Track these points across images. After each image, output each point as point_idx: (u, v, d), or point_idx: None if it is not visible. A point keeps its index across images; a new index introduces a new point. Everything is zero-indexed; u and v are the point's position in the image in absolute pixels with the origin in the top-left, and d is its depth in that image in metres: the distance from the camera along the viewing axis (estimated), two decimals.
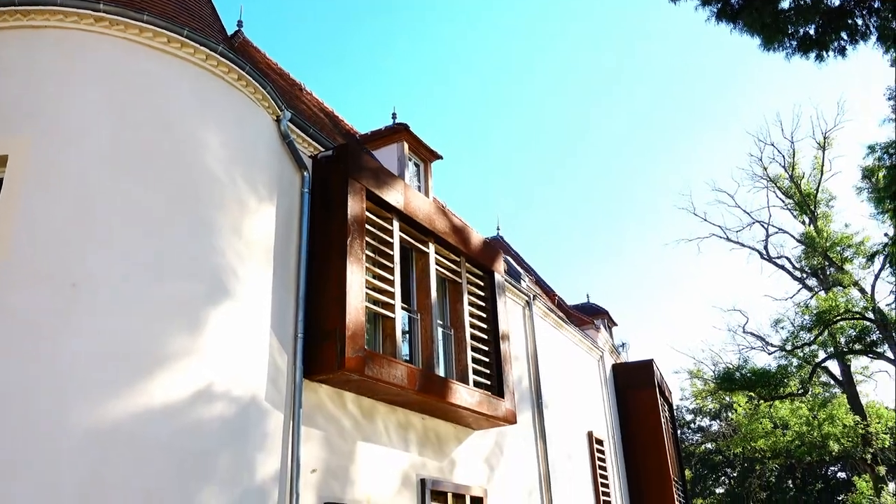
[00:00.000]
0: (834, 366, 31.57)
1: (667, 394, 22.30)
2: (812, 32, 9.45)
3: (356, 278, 8.42)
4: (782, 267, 34.36)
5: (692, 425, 44.64)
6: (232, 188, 7.64)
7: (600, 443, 17.41)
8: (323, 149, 9.42)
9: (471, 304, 11.43)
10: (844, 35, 9.40)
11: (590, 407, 17.71)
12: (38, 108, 6.86)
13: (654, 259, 68.30)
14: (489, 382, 11.19)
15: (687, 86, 62.30)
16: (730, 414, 37.95)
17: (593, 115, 67.69)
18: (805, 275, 33.78)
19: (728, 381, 30.24)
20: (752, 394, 30.59)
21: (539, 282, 21.32)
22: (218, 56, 7.78)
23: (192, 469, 6.44)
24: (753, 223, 34.77)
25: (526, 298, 14.94)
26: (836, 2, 9.36)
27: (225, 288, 7.22)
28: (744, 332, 33.85)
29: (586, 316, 21.24)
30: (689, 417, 44.47)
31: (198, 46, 7.63)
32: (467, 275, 11.52)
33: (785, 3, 9.26)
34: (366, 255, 8.94)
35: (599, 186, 71.06)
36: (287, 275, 8.28)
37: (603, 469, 17.08)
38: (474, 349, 11.18)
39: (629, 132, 65.83)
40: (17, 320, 6.06)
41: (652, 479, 18.86)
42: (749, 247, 34.93)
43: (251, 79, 8.16)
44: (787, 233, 34.24)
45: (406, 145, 11.79)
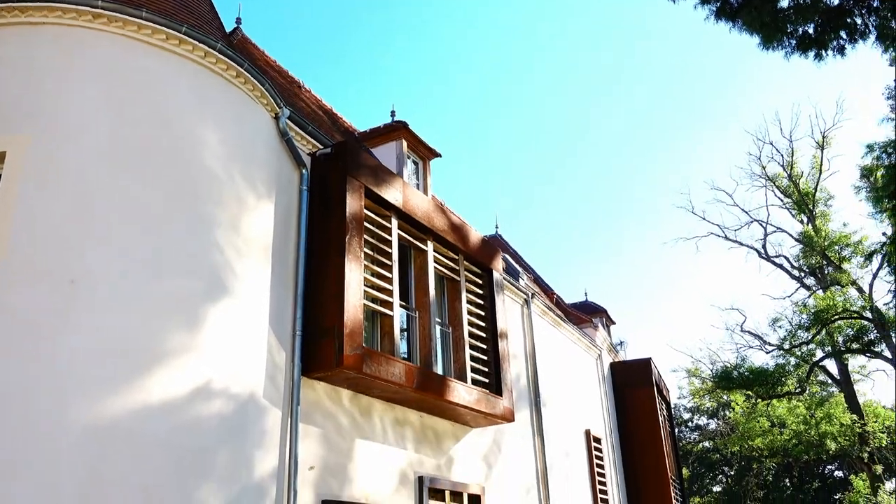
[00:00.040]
0: (831, 365, 31.66)
1: (665, 392, 22.33)
2: (811, 31, 9.45)
3: (354, 276, 8.42)
4: (780, 266, 34.42)
5: (690, 424, 44.75)
6: (230, 185, 7.63)
7: (598, 441, 17.43)
8: (321, 146, 9.42)
9: (469, 303, 11.43)
10: (843, 34, 9.40)
11: (588, 405, 17.72)
12: (37, 105, 6.85)
13: (653, 257, 68.44)
14: (487, 380, 11.20)
15: (686, 84, 62.40)
16: (727, 412, 38.01)
17: (592, 114, 67.77)
18: (803, 274, 33.83)
19: (726, 380, 30.32)
20: (750, 392, 30.65)
21: (537, 280, 21.33)
22: (216, 53, 7.77)
23: (191, 466, 6.44)
24: (752, 222, 34.84)
25: (524, 297, 14.94)
26: (836, 1, 9.36)
27: (223, 285, 7.22)
28: (742, 331, 33.93)
29: (584, 314, 21.27)
30: (687, 416, 44.58)
31: (196, 43, 7.61)
32: (466, 273, 11.52)
33: (784, 2, 9.26)
34: (364, 253, 8.94)
35: (598, 185, 71.15)
36: (285, 272, 8.28)
37: (600, 467, 17.10)
38: (472, 347, 11.19)
39: (628, 131, 65.91)
40: (16, 318, 6.06)
41: (649, 478, 18.89)
42: (747, 246, 34.99)
43: (250, 76, 8.15)
44: (786, 232, 34.32)
45: (405, 143, 11.78)
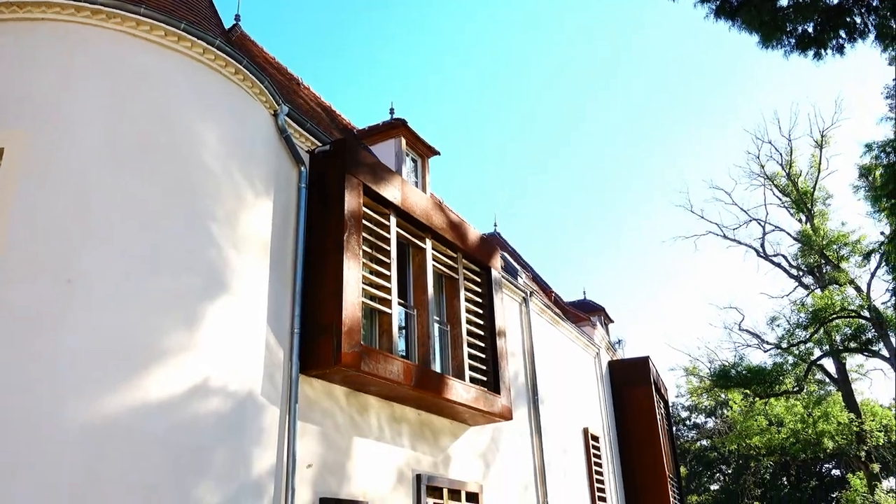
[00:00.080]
0: (829, 364, 31.67)
1: (662, 391, 22.34)
2: (810, 30, 9.46)
3: (353, 274, 8.41)
4: (778, 265, 34.42)
5: (687, 422, 44.78)
6: (229, 183, 7.61)
7: (596, 439, 17.44)
8: (320, 144, 9.40)
9: (467, 301, 11.43)
10: (843, 33, 9.41)
11: (586, 403, 17.74)
12: (35, 101, 6.83)
13: (651, 256, 68.43)
14: (485, 378, 11.20)
15: (685, 81, 62.38)
16: (725, 411, 38.04)
17: (590, 109, 67.75)
18: (801, 273, 33.84)
19: (724, 379, 30.34)
20: (748, 391, 30.67)
21: (536, 278, 21.33)
22: (215, 50, 7.75)
23: (189, 464, 6.43)
24: (750, 221, 34.82)
25: (523, 295, 14.94)
26: (835, 0, 9.36)
27: (222, 282, 7.21)
28: (740, 330, 33.92)
29: (583, 313, 21.28)
30: (685, 414, 44.61)
31: (195, 40, 7.59)
32: (464, 271, 11.51)
33: (783, 1, 9.26)
34: (363, 251, 8.93)
35: (597, 182, 71.15)
36: (284, 270, 8.26)
37: (598, 465, 17.12)
38: (471, 345, 11.19)
39: (625, 127, 65.90)
40: (14, 315, 6.04)
41: (647, 476, 18.91)
42: (746, 244, 34.98)
43: (248, 73, 8.13)
44: (784, 231, 34.31)
45: (403, 141, 11.77)
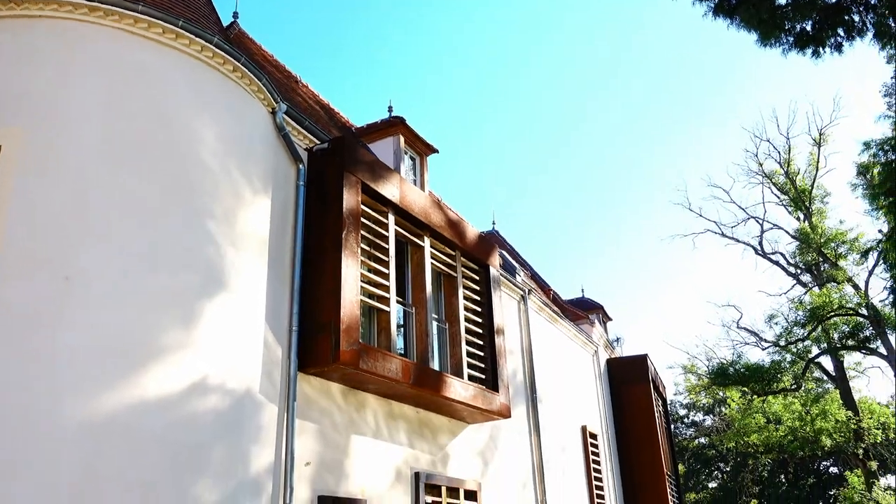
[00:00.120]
0: (827, 361, 31.70)
1: (661, 389, 22.37)
2: (809, 28, 9.46)
3: (351, 271, 8.41)
4: (777, 263, 34.45)
5: (685, 420, 44.83)
6: (227, 180, 7.60)
7: (594, 437, 17.46)
8: (318, 142, 9.39)
9: (466, 299, 11.43)
10: (841, 31, 9.41)
11: (584, 401, 17.75)
12: (32, 98, 6.81)
13: (650, 254, 68.46)
14: (484, 376, 11.20)
15: (684, 80, 62.39)
16: (723, 409, 38.05)
17: (589, 108, 67.74)
18: (799, 271, 33.87)
19: (721, 377, 30.35)
20: (746, 389, 30.68)
21: (534, 276, 21.34)
22: (213, 47, 7.73)
23: (187, 461, 6.43)
24: (748, 219, 34.85)
25: (521, 293, 14.94)
26: None
27: (220, 280, 7.20)
28: (738, 328, 33.95)
29: (581, 311, 21.30)
30: (683, 412, 44.66)
31: (193, 37, 7.58)
32: (462, 269, 11.51)
33: None
34: (361, 249, 8.92)
35: (595, 180, 71.15)
36: (282, 267, 8.26)
37: (597, 463, 17.14)
38: (469, 343, 11.19)
39: (625, 126, 65.90)
40: (12, 312, 6.04)
41: (645, 474, 18.94)
42: (744, 242, 35.01)
43: (247, 70, 8.12)
44: (782, 229, 34.33)
45: (402, 139, 11.76)
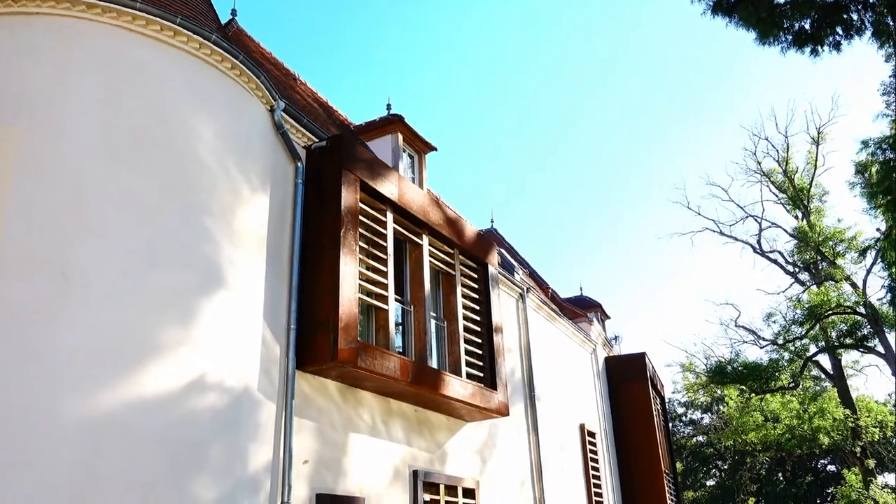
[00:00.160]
0: (825, 360, 31.78)
1: (659, 387, 22.39)
2: (807, 27, 9.47)
3: (349, 269, 8.40)
4: (775, 261, 34.50)
5: (684, 418, 44.88)
6: (225, 178, 7.59)
7: (592, 435, 17.48)
8: (317, 139, 9.38)
9: (464, 297, 11.43)
10: (839, 30, 9.42)
11: (582, 399, 17.76)
12: (30, 96, 6.79)
13: (648, 252, 68.51)
14: (482, 375, 11.20)
15: (682, 79, 62.38)
16: (721, 407, 38.13)
17: (587, 106, 67.74)
18: (797, 269, 33.92)
19: (720, 375, 30.41)
20: (744, 387, 30.74)
21: (533, 274, 21.34)
22: (211, 45, 7.71)
23: (186, 459, 6.42)
24: (747, 217, 34.91)
25: (519, 291, 14.95)
26: None
27: (218, 278, 7.19)
28: (736, 326, 34.02)
29: (579, 309, 21.30)
30: (681, 410, 44.70)
31: (191, 35, 7.56)
32: (461, 267, 11.51)
33: None
34: (359, 247, 8.92)
35: (594, 179, 71.16)
36: (280, 265, 8.25)
37: (595, 461, 17.15)
38: (467, 341, 11.19)
39: (623, 124, 65.89)
40: (9, 310, 6.02)
41: (643, 472, 18.96)
42: (742, 241, 35.08)
43: (245, 68, 8.10)
44: (780, 227, 34.40)
45: (400, 137, 11.75)
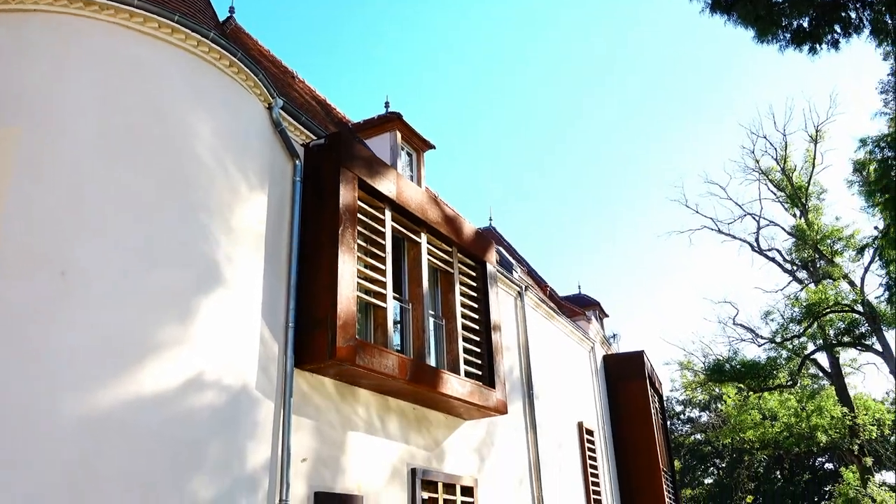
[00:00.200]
0: (822, 358, 31.81)
1: (657, 385, 22.41)
2: (805, 25, 9.46)
3: (348, 267, 8.40)
4: (773, 259, 34.53)
5: (682, 416, 44.93)
6: (223, 176, 7.58)
7: (590, 433, 17.49)
8: (315, 137, 9.37)
9: (462, 295, 11.43)
10: (838, 28, 9.41)
11: (580, 397, 17.78)
12: (27, 94, 6.77)
13: (646, 250, 68.53)
14: (480, 373, 11.21)
15: (680, 77, 62.38)
16: (719, 405, 38.18)
17: (585, 105, 67.73)
18: (795, 267, 33.94)
19: (718, 373, 30.45)
20: (742, 385, 30.79)
21: (531, 273, 21.35)
22: (209, 42, 7.70)
23: (184, 457, 6.42)
24: (745, 215, 34.91)
25: (518, 289, 14.95)
26: None
27: (216, 276, 7.18)
28: (734, 324, 34.04)
29: (578, 307, 21.31)
30: (679, 408, 44.76)
31: (189, 32, 7.54)
32: (459, 265, 11.51)
33: None
34: (357, 245, 8.91)
35: (592, 177, 71.17)
36: (278, 263, 8.24)
37: (593, 459, 17.17)
38: (466, 339, 11.19)
39: (621, 123, 65.89)
40: (8, 310, 6.01)
41: (642, 470, 18.98)
42: (740, 239, 35.08)
43: (243, 66, 8.09)
44: (779, 225, 34.41)
45: (399, 134, 11.74)
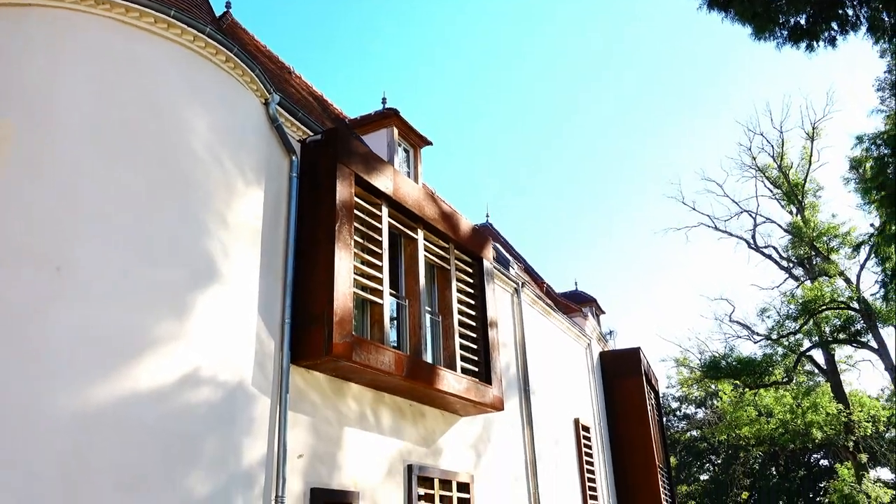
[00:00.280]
0: (818, 355, 31.91)
1: (653, 381, 22.45)
2: (803, 22, 9.46)
3: (344, 264, 8.39)
4: (769, 256, 34.60)
5: (678, 413, 45.04)
6: (219, 171, 7.57)
7: (587, 430, 17.52)
8: (312, 133, 9.35)
9: (459, 291, 11.42)
10: (835, 25, 9.41)
11: (577, 394, 17.80)
12: (23, 88, 6.75)
13: (643, 247, 68.62)
14: (477, 369, 11.21)
15: (677, 73, 62.37)
16: (715, 402, 38.29)
17: (582, 101, 67.66)
18: (791, 264, 34.02)
19: (714, 370, 30.55)
20: (738, 382, 30.90)
21: (528, 269, 21.35)
22: (206, 38, 7.67)
23: (179, 453, 6.41)
24: (741, 212, 34.99)
25: (514, 286, 14.95)
26: None
27: (212, 272, 7.17)
28: (730, 321, 34.13)
29: (574, 304, 21.32)
30: (675, 405, 44.86)
31: (185, 27, 7.52)
32: (456, 261, 11.50)
33: None
34: (354, 241, 8.90)
35: (589, 174, 71.17)
36: (275, 259, 8.23)
37: (589, 456, 17.20)
38: (462, 336, 11.19)
39: (618, 119, 65.90)
40: (4, 306, 5.99)
41: (638, 466, 19.02)
42: (737, 236, 35.15)
43: (239, 61, 8.07)
44: (775, 222, 34.50)
45: (396, 130, 11.71)
